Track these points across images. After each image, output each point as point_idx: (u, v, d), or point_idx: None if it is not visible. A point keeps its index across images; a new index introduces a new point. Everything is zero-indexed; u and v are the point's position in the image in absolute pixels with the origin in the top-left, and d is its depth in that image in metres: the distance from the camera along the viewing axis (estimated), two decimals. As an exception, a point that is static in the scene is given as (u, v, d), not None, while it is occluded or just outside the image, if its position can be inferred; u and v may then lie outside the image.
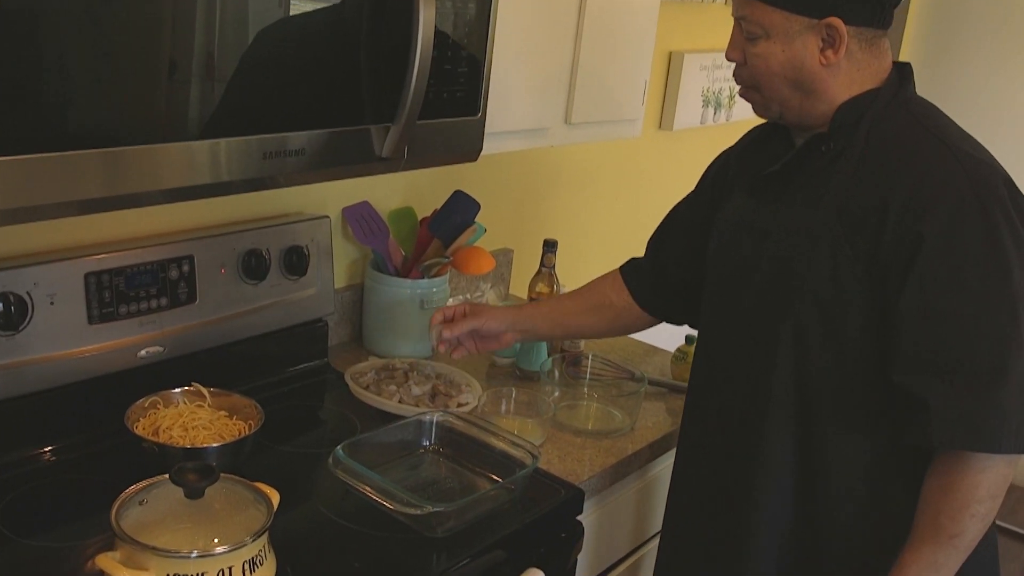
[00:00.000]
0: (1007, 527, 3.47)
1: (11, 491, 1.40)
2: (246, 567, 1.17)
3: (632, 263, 1.76)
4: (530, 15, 1.71)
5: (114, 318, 1.53)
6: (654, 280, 1.71)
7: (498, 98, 1.62)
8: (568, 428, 1.78)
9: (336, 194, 1.93)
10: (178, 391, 1.57)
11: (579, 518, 1.59)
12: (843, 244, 1.32)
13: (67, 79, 1.04)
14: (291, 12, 1.23)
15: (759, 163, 1.47)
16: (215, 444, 1.44)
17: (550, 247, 2.06)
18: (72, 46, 1.04)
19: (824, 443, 1.39)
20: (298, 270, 1.79)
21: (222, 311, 1.69)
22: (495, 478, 1.53)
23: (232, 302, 1.70)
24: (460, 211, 1.98)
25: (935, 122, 1.36)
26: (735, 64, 1.41)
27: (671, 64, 2.76)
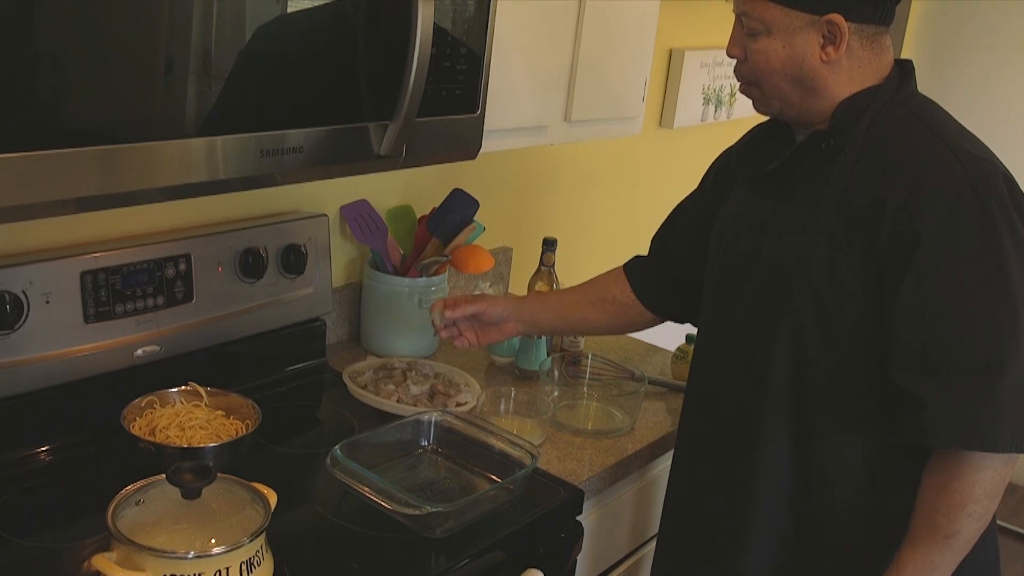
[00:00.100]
0: (1010, 528, 3.46)
1: (7, 491, 1.39)
2: (243, 568, 1.17)
3: (636, 260, 1.76)
4: (530, 12, 1.70)
5: (110, 317, 1.53)
6: (657, 277, 1.71)
7: (497, 95, 1.62)
8: (568, 428, 1.78)
9: (334, 192, 1.92)
10: (175, 391, 1.56)
11: (579, 518, 1.59)
12: (841, 241, 1.32)
13: (62, 76, 1.04)
14: (289, 9, 1.23)
15: (760, 160, 1.48)
16: (212, 444, 1.44)
17: (549, 246, 2.06)
18: (67, 43, 1.03)
19: (821, 441, 1.39)
20: (296, 269, 1.79)
21: (219, 310, 1.68)
22: (494, 478, 1.53)
23: (229, 301, 1.70)
24: (459, 209, 1.97)
25: (935, 119, 1.36)
26: (736, 60, 1.42)
27: (671, 61, 2.76)
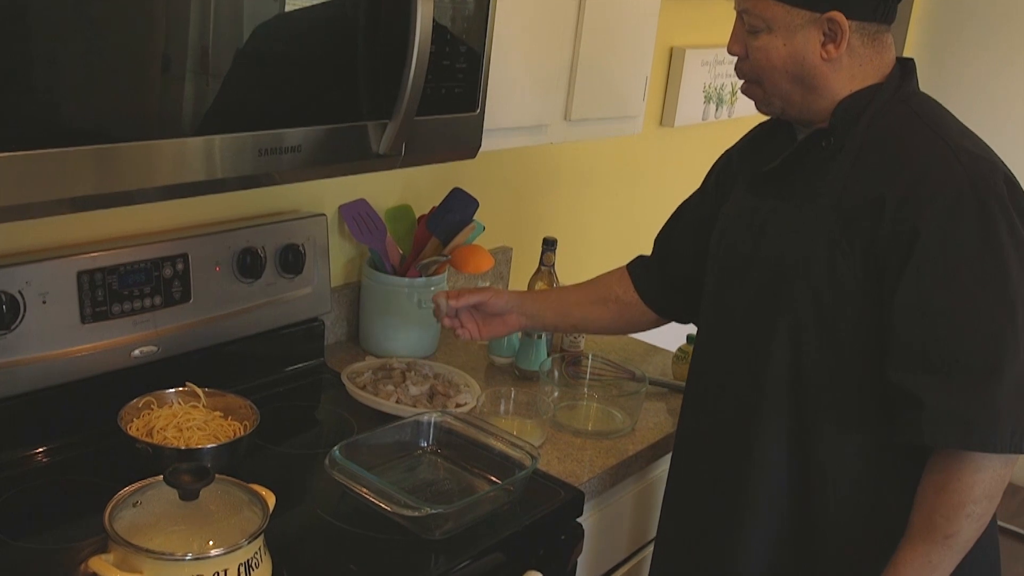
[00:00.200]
0: (1012, 529, 3.45)
1: (3, 493, 1.39)
2: (241, 570, 1.16)
3: (639, 260, 1.76)
4: (530, 10, 1.70)
5: (107, 317, 1.52)
6: (660, 277, 1.71)
7: (497, 94, 1.62)
8: (568, 429, 1.77)
9: (333, 191, 1.92)
10: (172, 391, 1.56)
11: (579, 520, 1.59)
12: (840, 240, 1.32)
13: (59, 74, 1.03)
14: (287, 7, 1.23)
15: (760, 159, 1.48)
16: (210, 445, 1.43)
17: (549, 245, 2.05)
18: (64, 41, 1.03)
19: (819, 440, 1.38)
20: (294, 268, 1.78)
21: (217, 310, 1.68)
22: (494, 479, 1.52)
23: (227, 301, 1.69)
24: (458, 209, 1.97)
25: (936, 118, 1.36)
26: (736, 58, 1.42)
27: (672, 60, 2.75)
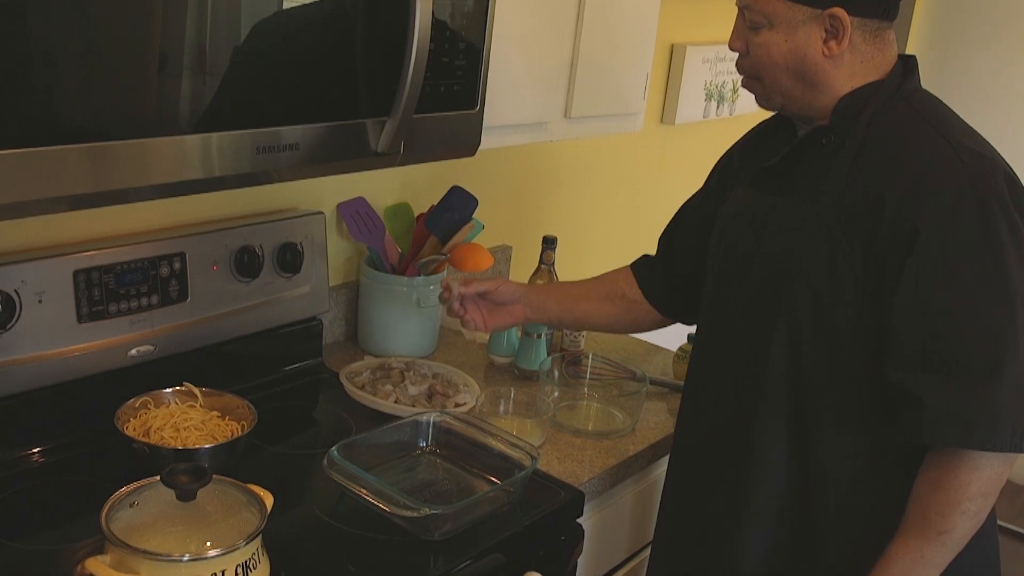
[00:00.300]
0: (1013, 529, 3.45)
1: (-2, 493, 1.38)
2: (239, 570, 1.16)
3: (643, 259, 1.76)
4: (530, 7, 1.70)
5: (104, 316, 1.52)
6: (664, 276, 1.71)
7: (497, 91, 1.61)
8: (568, 429, 1.77)
9: (331, 190, 1.91)
10: (169, 391, 1.55)
11: (579, 521, 1.58)
12: (840, 238, 1.32)
13: (55, 72, 1.03)
14: (285, 4, 1.23)
15: (761, 156, 1.48)
16: (207, 445, 1.43)
17: (549, 244, 2.05)
18: (60, 38, 1.02)
19: (819, 440, 1.38)
20: (292, 267, 1.78)
21: (214, 309, 1.67)
22: (493, 480, 1.52)
23: (224, 300, 1.69)
24: (457, 207, 1.96)
25: (936, 116, 1.36)
26: (737, 54, 1.41)
27: (673, 57, 2.75)
